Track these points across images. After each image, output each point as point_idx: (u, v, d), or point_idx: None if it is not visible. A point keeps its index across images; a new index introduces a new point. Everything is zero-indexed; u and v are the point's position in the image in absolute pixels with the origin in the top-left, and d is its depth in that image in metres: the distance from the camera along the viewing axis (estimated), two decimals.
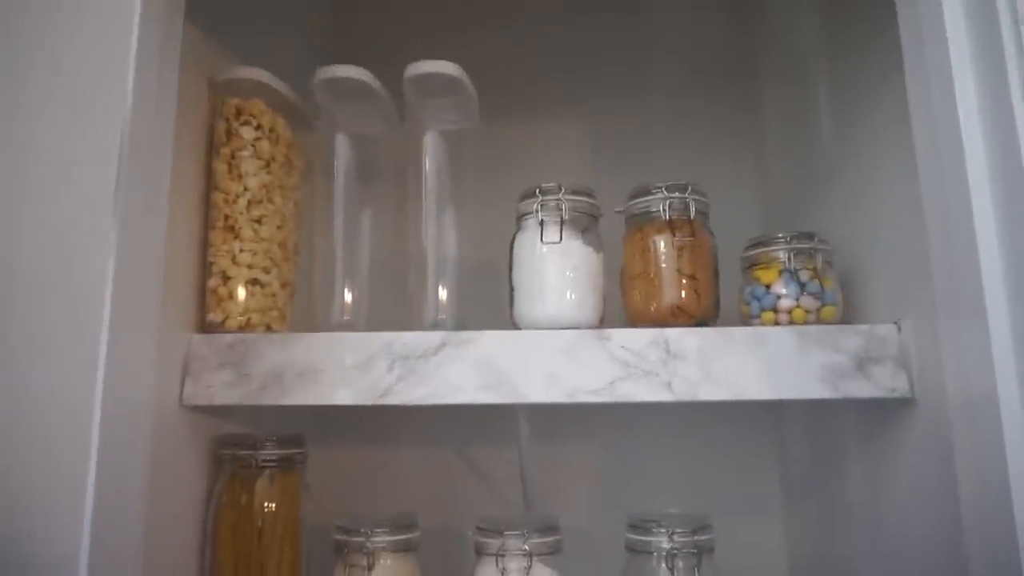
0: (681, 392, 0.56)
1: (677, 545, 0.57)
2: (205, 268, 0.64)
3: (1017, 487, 0.43)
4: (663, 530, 0.57)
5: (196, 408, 0.61)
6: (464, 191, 0.74)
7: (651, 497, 0.86)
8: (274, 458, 0.62)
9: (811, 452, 0.80)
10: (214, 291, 0.63)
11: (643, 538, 0.58)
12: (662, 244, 0.61)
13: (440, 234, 0.70)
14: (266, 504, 0.62)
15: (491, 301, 0.68)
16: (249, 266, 0.63)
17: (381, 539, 0.59)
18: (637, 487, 0.87)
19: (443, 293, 0.68)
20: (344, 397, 0.58)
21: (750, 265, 0.64)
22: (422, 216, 0.70)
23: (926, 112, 0.51)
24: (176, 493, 0.59)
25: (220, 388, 0.59)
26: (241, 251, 0.63)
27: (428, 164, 0.71)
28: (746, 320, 0.63)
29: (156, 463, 0.54)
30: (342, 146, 0.72)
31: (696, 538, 0.57)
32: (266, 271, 0.64)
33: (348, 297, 0.69)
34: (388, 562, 0.60)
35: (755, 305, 0.62)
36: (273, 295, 0.65)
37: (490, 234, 0.70)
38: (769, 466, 0.88)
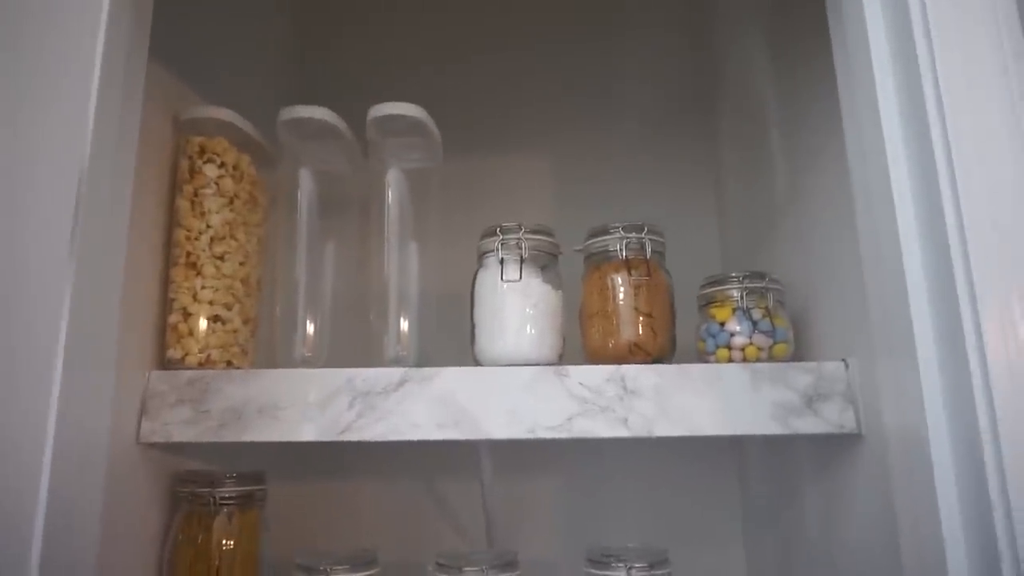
0: (637, 428, 0.58)
1: None
2: (166, 305, 0.63)
3: (947, 518, 0.45)
4: (621, 564, 0.58)
5: (153, 445, 0.60)
6: (427, 227, 0.75)
7: (613, 530, 0.86)
8: (233, 495, 0.62)
9: (769, 484, 0.81)
10: (174, 327, 0.62)
11: (601, 573, 0.59)
12: (619, 282, 0.63)
13: (402, 269, 0.71)
14: (224, 542, 0.61)
15: (453, 336, 0.69)
16: (210, 302, 0.63)
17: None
18: (599, 521, 0.88)
19: (405, 327, 0.69)
20: (305, 433, 0.58)
21: (706, 303, 0.66)
22: (384, 251, 0.71)
23: (860, 161, 0.54)
24: (132, 531, 0.58)
25: (178, 425, 0.59)
26: (203, 287, 0.63)
27: (391, 199, 0.72)
28: (702, 356, 0.65)
29: (111, 501, 0.53)
30: (306, 180, 0.73)
31: (654, 572, 0.58)
32: (228, 307, 0.65)
33: (310, 332, 0.69)
34: None
35: (710, 342, 0.64)
36: (235, 331, 0.65)
37: (452, 269, 0.71)
38: (729, 498, 0.89)
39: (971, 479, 0.43)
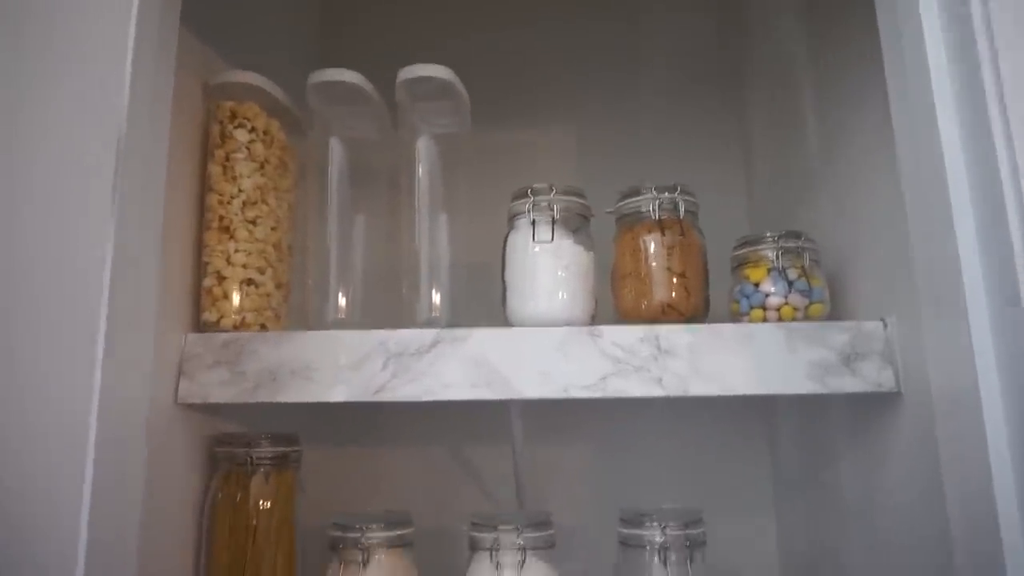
0: (671, 387, 0.57)
1: (669, 539, 0.58)
2: (200, 269, 0.64)
3: (999, 477, 0.44)
4: (655, 524, 0.58)
5: (191, 407, 0.61)
6: (456, 195, 0.74)
7: (644, 494, 0.86)
8: (269, 456, 0.63)
9: (802, 447, 0.81)
10: (209, 291, 0.63)
11: (635, 532, 0.59)
12: (652, 243, 0.62)
13: (432, 238, 0.71)
14: (261, 502, 0.62)
15: (483, 303, 0.69)
16: (244, 266, 0.64)
17: (376, 535, 0.60)
18: (630, 484, 0.88)
19: (436, 294, 0.68)
20: (338, 394, 0.59)
21: (739, 264, 0.65)
22: (415, 220, 0.71)
23: (906, 113, 0.52)
24: (172, 491, 0.59)
25: (215, 386, 0.60)
26: (236, 251, 0.64)
27: (421, 169, 0.71)
28: (735, 318, 0.64)
29: (152, 461, 0.54)
30: (336, 150, 0.73)
31: (688, 532, 0.58)
32: (261, 271, 0.65)
33: (342, 296, 0.70)
34: (382, 557, 0.60)
35: (744, 303, 0.63)
36: (268, 295, 0.66)
37: (482, 238, 0.71)
38: (761, 462, 0.89)
39: None
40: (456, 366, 0.59)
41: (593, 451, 0.90)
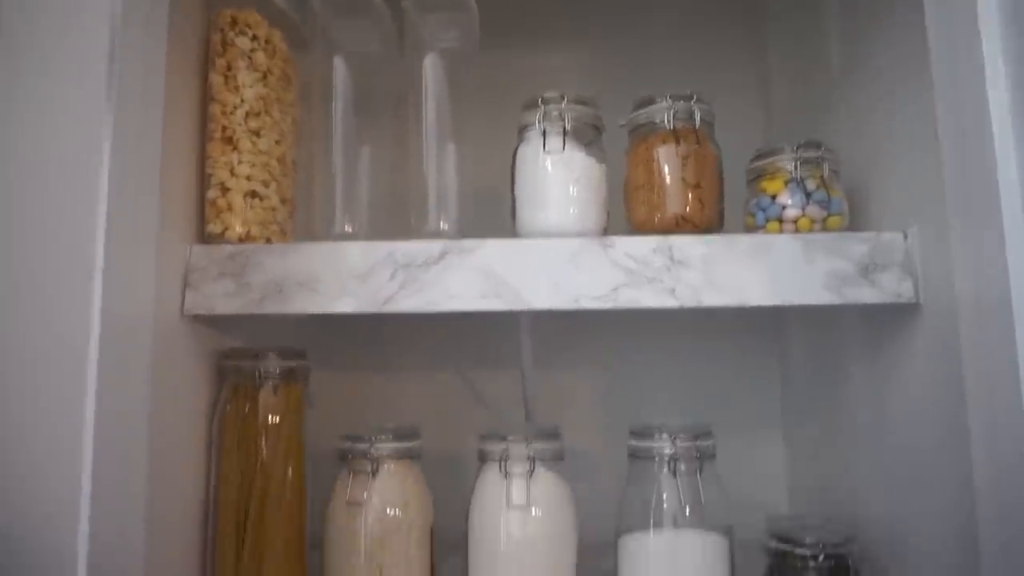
0: (685, 298, 0.56)
1: (679, 450, 0.57)
2: (204, 181, 0.63)
3: None
4: (665, 436, 0.58)
5: (197, 319, 0.60)
6: (464, 115, 0.72)
7: (654, 417, 0.86)
8: (277, 369, 0.62)
9: (813, 367, 0.80)
10: (213, 202, 0.62)
11: (645, 444, 0.59)
12: (666, 153, 0.60)
13: (440, 161, 0.69)
14: (270, 415, 0.62)
15: (492, 226, 0.67)
16: (248, 178, 0.62)
17: (385, 445, 0.60)
18: (639, 408, 0.88)
19: (443, 214, 0.67)
20: (345, 306, 0.58)
21: (756, 177, 0.63)
22: (422, 143, 0.69)
23: (942, 15, 0.50)
24: (180, 405, 0.59)
25: (221, 298, 0.59)
26: (239, 163, 0.62)
27: (428, 87, 0.69)
28: (751, 232, 0.63)
29: (159, 375, 0.54)
30: (340, 68, 0.70)
31: (698, 443, 0.58)
32: (265, 184, 0.64)
33: (348, 214, 0.68)
34: (392, 468, 0.60)
35: (760, 216, 0.61)
36: (273, 209, 0.64)
37: (491, 161, 0.68)
38: (771, 384, 0.88)
39: None
40: (465, 277, 0.58)
41: (602, 375, 0.90)
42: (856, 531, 0.59)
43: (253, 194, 0.63)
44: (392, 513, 0.59)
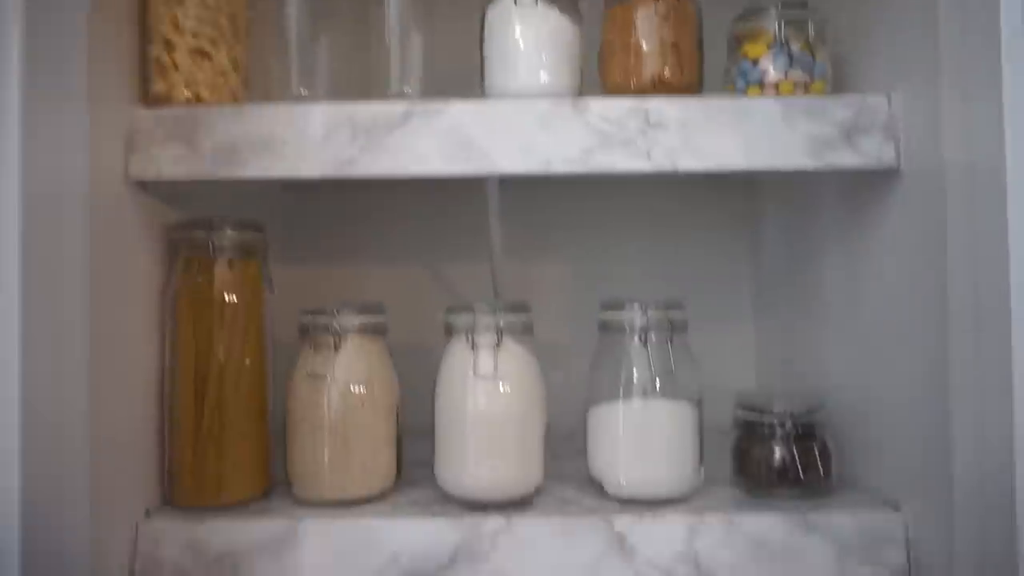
0: (660, 162, 0.54)
1: (651, 319, 0.56)
2: (146, 37, 0.58)
3: (1017, 251, 0.42)
4: (636, 306, 0.56)
5: (146, 191, 0.57)
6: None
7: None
8: (232, 242, 0.59)
9: (786, 247, 0.79)
10: (157, 60, 0.57)
11: (615, 315, 0.57)
12: (644, 11, 0.57)
13: (403, 19, 0.64)
14: (226, 292, 0.59)
15: (458, 93, 0.63)
16: (194, 35, 0.58)
17: (349, 318, 0.58)
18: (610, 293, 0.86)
19: (408, 71, 0.63)
20: (304, 170, 0.55)
21: (737, 42, 0.60)
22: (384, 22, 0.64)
23: None
24: (127, 280, 0.56)
25: (169, 162, 0.55)
26: (185, 17, 0.57)
27: None
28: None
29: (102, 246, 0.50)
30: None
31: (670, 313, 0.57)
32: (213, 43, 0.59)
33: (305, 76, 0.64)
34: (356, 343, 0.58)
35: (740, 82, 0.59)
36: (223, 73, 0.60)
37: (458, 22, 0.63)
38: (743, 269, 0.87)
39: None
40: (431, 140, 0.54)
41: (570, 265, 0.88)
42: (823, 402, 0.59)
43: (201, 53, 0.58)
44: (356, 389, 0.58)
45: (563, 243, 0.87)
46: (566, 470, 0.61)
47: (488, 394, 0.55)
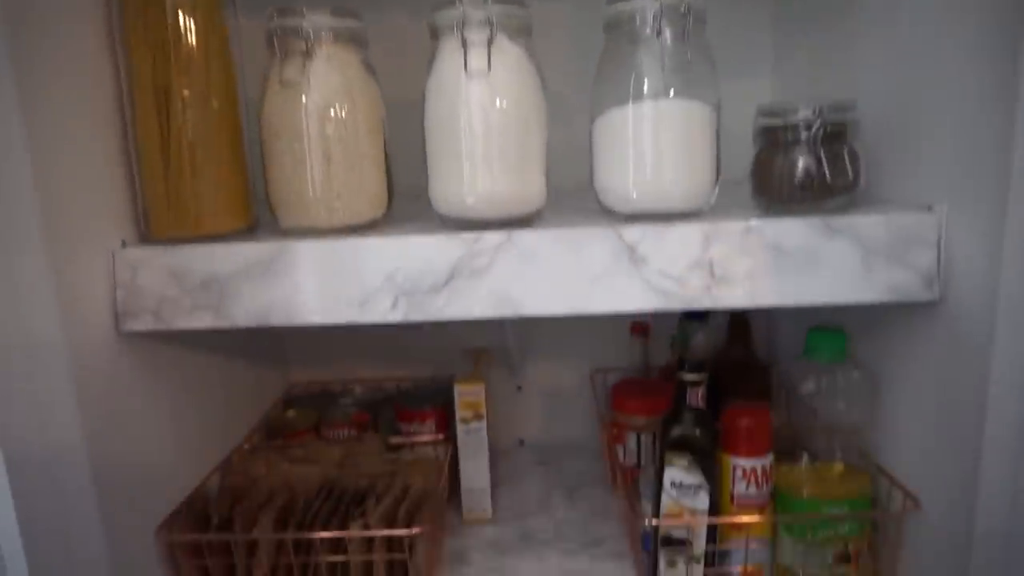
0: None
1: (664, 7, 0.48)
2: None
3: None
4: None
5: None
6: None
7: None
8: None
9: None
10: None
11: (625, 6, 0.50)
12: None
13: None
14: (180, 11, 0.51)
15: None
16: None
17: (322, 19, 0.51)
18: None
19: None
20: None
21: None
22: None
23: None
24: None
25: None
26: None
27: None
28: None
29: None
30: None
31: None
32: None
33: None
34: (330, 51, 0.51)
35: None
36: None
37: None
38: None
39: None
40: None
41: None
42: (854, 102, 0.53)
43: None
44: (334, 101, 0.51)
45: None
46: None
47: (482, 94, 0.49)
